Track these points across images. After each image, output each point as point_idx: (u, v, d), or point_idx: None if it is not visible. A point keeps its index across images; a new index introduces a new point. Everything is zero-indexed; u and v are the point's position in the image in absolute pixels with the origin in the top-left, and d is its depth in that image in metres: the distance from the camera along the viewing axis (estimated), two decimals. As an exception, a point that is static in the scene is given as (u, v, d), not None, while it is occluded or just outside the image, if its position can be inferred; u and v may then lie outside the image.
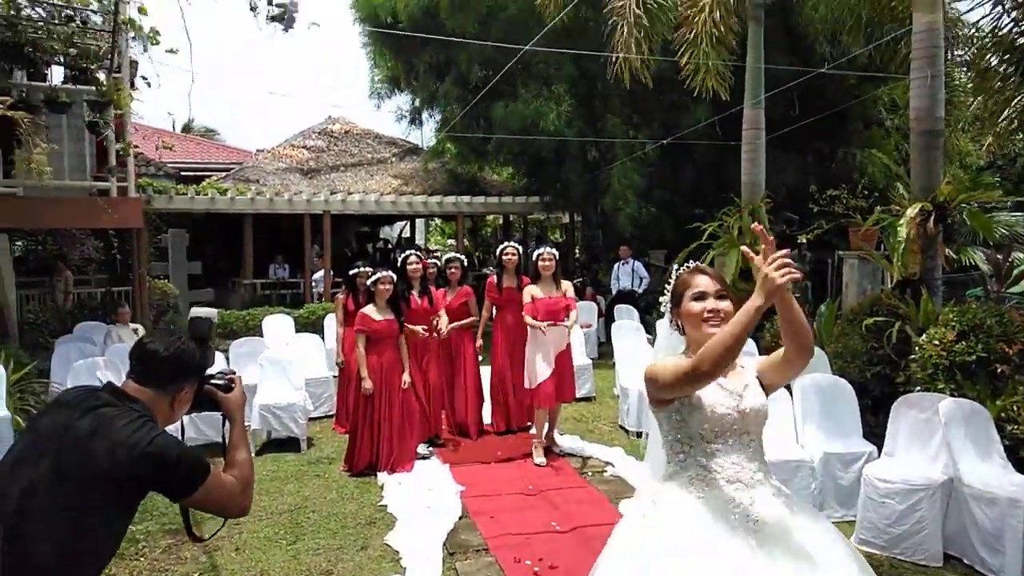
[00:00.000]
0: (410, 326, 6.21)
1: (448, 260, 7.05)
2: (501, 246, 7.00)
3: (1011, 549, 3.93)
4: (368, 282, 6.16)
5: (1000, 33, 6.57)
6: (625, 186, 12.85)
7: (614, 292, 12.75)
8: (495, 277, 6.91)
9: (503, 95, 12.94)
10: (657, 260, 14.15)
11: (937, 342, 5.77)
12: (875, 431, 6.16)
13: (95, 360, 6.84)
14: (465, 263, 7.21)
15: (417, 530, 4.73)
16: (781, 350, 2.25)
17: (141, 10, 5.46)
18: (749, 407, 2.25)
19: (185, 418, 2.36)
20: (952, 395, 5.39)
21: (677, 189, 13.94)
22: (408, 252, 6.88)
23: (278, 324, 10.29)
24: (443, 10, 12.41)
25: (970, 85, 8.82)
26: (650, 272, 13.05)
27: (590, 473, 5.91)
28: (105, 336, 8.58)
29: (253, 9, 2.79)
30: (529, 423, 6.70)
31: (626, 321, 9.96)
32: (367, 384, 5.90)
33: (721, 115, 11.18)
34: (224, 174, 15.30)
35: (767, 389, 2.32)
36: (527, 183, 15.61)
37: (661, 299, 2.56)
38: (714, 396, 2.26)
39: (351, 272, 7.28)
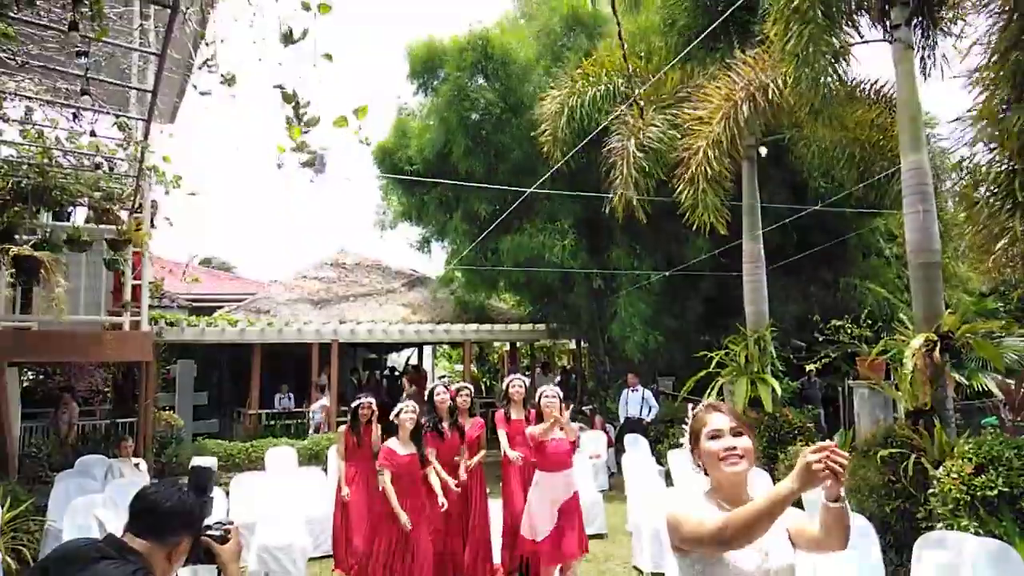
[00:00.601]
0: (434, 463, 6.07)
1: (458, 389, 7.00)
2: (508, 379, 6.98)
3: None
4: (395, 414, 5.94)
5: (982, 167, 6.85)
6: (631, 314, 12.99)
7: (622, 420, 12.59)
8: (503, 411, 6.82)
9: (510, 229, 13.39)
10: (665, 387, 14.07)
11: (955, 475, 5.63)
12: (899, 570, 5.91)
13: (93, 498, 6.68)
14: (473, 392, 7.17)
15: None
16: (817, 526, 2.18)
17: (165, 159, 5.80)
18: (775, 568, 2.18)
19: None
20: (976, 533, 5.21)
21: (683, 317, 14.08)
22: (435, 384, 6.90)
23: (281, 456, 10.12)
24: (455, 155, 13.11)
25: (963, 216, 9.09)
26: (659, 399, 12.94)
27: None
28: (107, 471, 8.45)
29: (280, 166, 2.98)
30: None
31: (637, 454, 9.77)
32: (404, 518, 5.48)
33: (722, 248, 11.49)
34: (236, 305, 15.57)
35: (793, 546, 2.26)
36: (533, 311, 15.82)
37: (671, 429, 2.56)
38: (739, 551, 2.21)
39: (353, 404, 7.20)
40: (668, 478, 9.09)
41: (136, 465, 8.51)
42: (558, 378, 17.62)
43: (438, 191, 14.15)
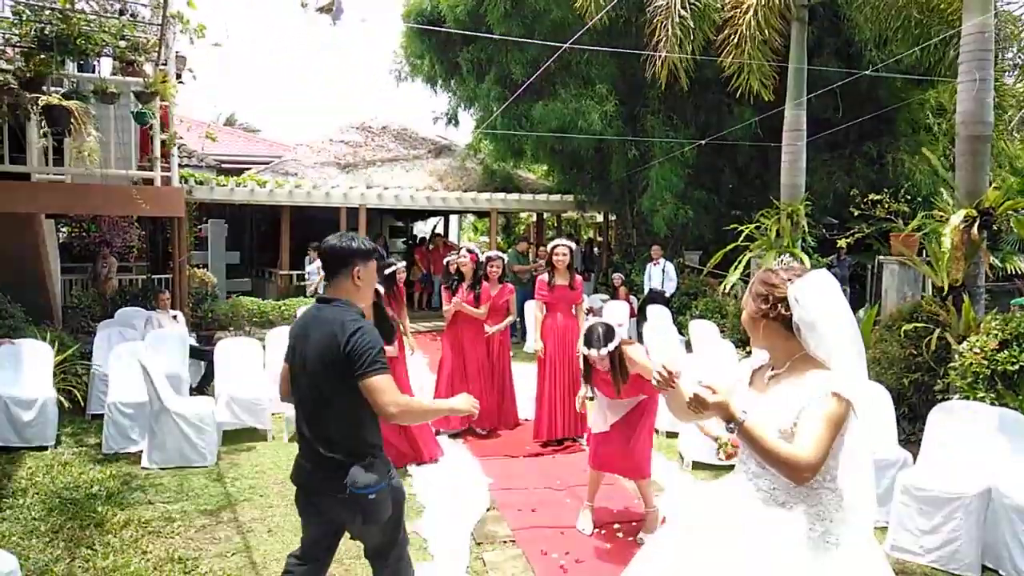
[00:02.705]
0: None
1: (489, 258, 7.05)
2: (551, 244, 6.90)
3: (1051, 563, 3.84)
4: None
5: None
6: (662, 187, 12.78)
7: (646, 292, 12.69)
8: (546, 275, 6.82)
9: (543, 94, 12.96)
10: (691, 261, 14.04)
11: (978, 350, 5.65)
12: (911, 439, 6.07)
13: (136, 344, 7.00)
14: (505, 260, 7.21)
15: (445, 519, 4.77)
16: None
17: (190, 4, 5.58)
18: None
19: (222, 403, 2.76)
20: (992, 404, 5.29)
21: (716, 190, 13.83)
22: (460, 247, 6.97)
23: (281, 336, 10.39)
24: (491, 17, 12.49)
25: (1021, 88, 8.60)
26: (683, 274, 12.96)
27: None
28: (146, 322, 8.77)
29: (304, 5, 2.85)
30: (574, 436, 6.48)
31: (658, 323, 9.89)
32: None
33: (762, 116, 11.06)
34: (264, 167, 15.55)
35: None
36: (562, 181, 15.59)
37: (694, 302, 2.56)
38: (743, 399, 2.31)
39: (387, 271, 7.17)
40: (689, 347, 9.26)
41: (174, 317, 8.82)
42: (582, 249, 17.65)
43: (472, 52, 13.62)
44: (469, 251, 6.78)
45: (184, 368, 7.49)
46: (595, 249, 17.87)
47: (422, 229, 26.55)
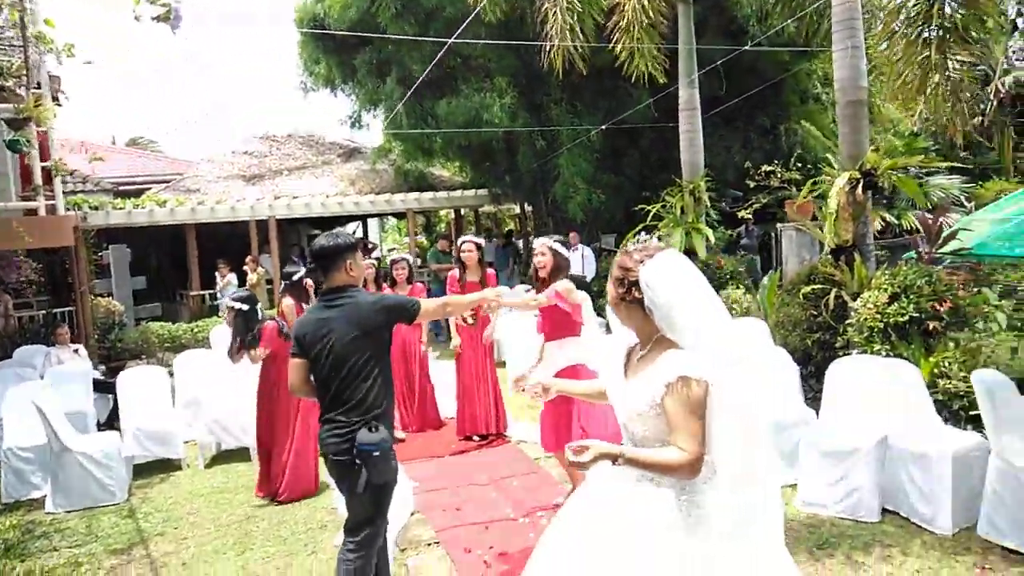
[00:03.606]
0: None
1: (393, 261, 6.98)
2: (460, 240, 6.90)
3: (942, 500, 4.06)
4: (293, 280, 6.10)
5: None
6: (573, 173, 12.91)
7: (566, 280, 12.82)
8: (456, 272, 6.78)
9: (446, 91, 12.90)
10: (608, 245, 14.25)
11: (871, 305, 5.92)
12: (819, 396, 6.33)
13: (33, 384, 6.64)
14: (411, 262, 7.14)
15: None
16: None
17: (47, 22, 5.25)
18: (620, 408, 2.33)
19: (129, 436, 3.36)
20: (888, 355, 5.56)
21: (624, 173, 14.04)
22: (399, 258, 6.86)
23: (226, 334, 10.07)
24: (383, 18, 12.32)
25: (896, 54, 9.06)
26: (601, 258, 13.15)
27: (542, 458, 5.92)
28: (45, 358, 8.33)
29: (137, 18, 2.75)
30: (497, 431, 6.54)
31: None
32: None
33: (658, 97, 11.30)
34: (165, 186, 14.94)
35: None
36: (475, 176, 15.56)
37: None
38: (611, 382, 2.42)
39: (293, 278, 7.02)
40: (608, 329, 9.38)
41: (75, 351, 8.40)
42: (502, 243, 17.68)
43: (368, 53, 13.41)
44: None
45: (88, 404, 7.16)
46: (514, 240, 17.93)
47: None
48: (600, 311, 10.83)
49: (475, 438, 6.51)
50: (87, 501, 5.54)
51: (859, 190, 6.30)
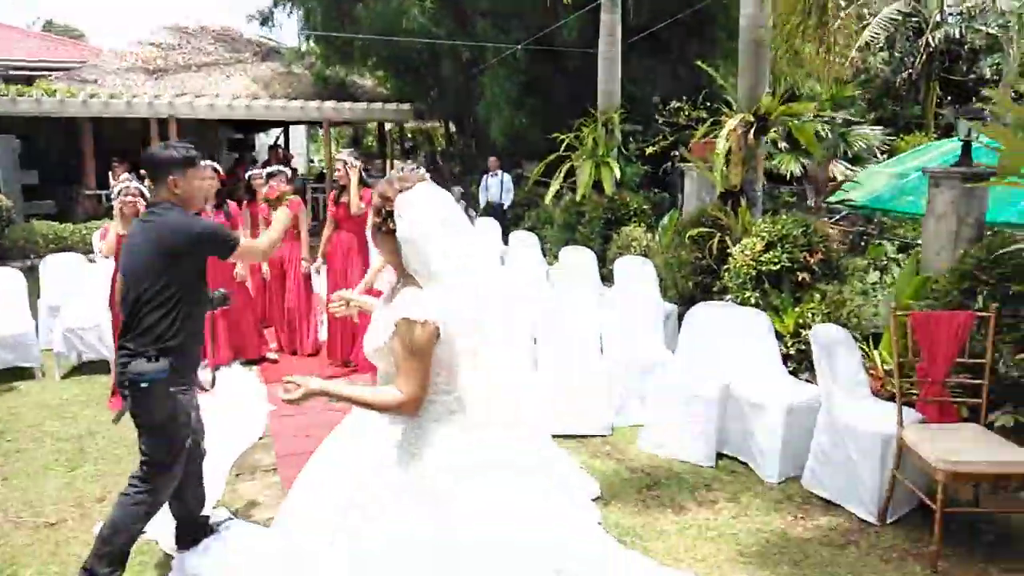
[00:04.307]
0: None
1: (270, 174, 6.62)
2: (336, 156, 6.65)
3: (772, 450, 4.15)
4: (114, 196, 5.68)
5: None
6: (497, 94, 12.51)
7: (482, 204, 12.60)
8: (336, 191, 6.51)
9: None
10: (530, 172, 14.02)
11: (747, 252, 5.94)
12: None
13: None
14: (290, 175, 6.80)
15: (209, 451, 4.56)
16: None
17: None
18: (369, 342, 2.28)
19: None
20: (758, 303, 5.62)
21: (550, 99, 13.68)
22: (207, 163, 6.41)
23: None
24: None
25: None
26: (520, 184, 12.93)
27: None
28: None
29: None
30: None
31: (488, 240, 9.82)
32: None
33: (584, 22, 10.90)
34: (63, 73, 13.86)
35: None
36: (398, 88, 14.94)
37: (528, 212, 2.48)
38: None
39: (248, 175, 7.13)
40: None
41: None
42: (419, 161, 17.25)
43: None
44: (214, 169, 6.26)
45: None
46: (438, 161, 17.51)
47: (264, 141, 25.04)
48: (507, 239, 10.75)
49: (351, 364, 6.38)
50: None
51: (751, 134, 6.23)
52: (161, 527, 3.63)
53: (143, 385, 2.79)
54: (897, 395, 3.59)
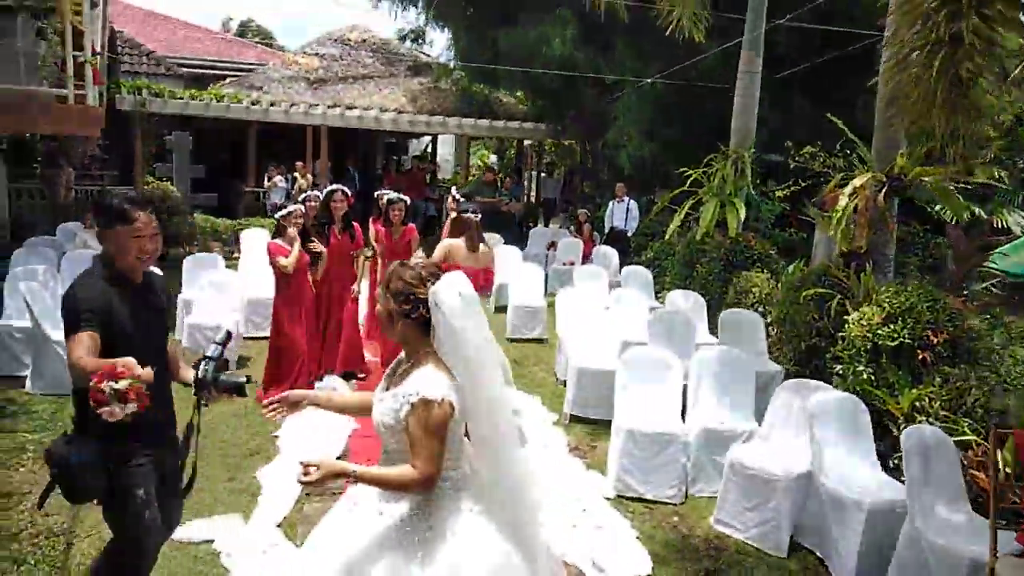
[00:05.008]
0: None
1: (391, 201, 6.91)
2: (386, 199, 6.95)
3: (850, 550, 3.81)
4: (282, 215, 6.05)
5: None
6: (628, 121, 12.36)
7: (606, 230, 12.50)
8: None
9: (510, 20, 12.41)
10: (671, 200, 13.71)
11: (864, 323, 5.50)
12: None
13: (37, 267, 6.96)
14: (408, 204, 7.04)
15: (286, 467, 4.81)
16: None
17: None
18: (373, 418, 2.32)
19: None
20: (870, 379, 5.19)
21: (689, 129, 13.30)
22: (333, 188, 6.76)
23: (256, 237, 10.34)
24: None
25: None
26: (647, 212, 12.68)
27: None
28: (74, 239, 8.79)
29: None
30: None
31: (592, 267, 9.72)
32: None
33: (729, 54, 10.49)
34: (239, 77, 15.17)
35: None
36: (538, 109, 15.09)
37: (651, 243, 2.57)
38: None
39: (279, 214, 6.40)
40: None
41: (102, 236, 8.78)
42: (561, 181, 17.32)
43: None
44: (343, 192, 6.55)
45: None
46: (574, 179, 17.52)
47: (416, 148, 26.14)
48: (629, 262, 10.53)
49: None
50: (61, 388, 5.86)
51: (881, 195, 5.75)
52: (225, 534, 3.92)
53: (54, 471, 2.58)
54: (991, 518, 3.19)
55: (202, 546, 3.91)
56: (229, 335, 2.81)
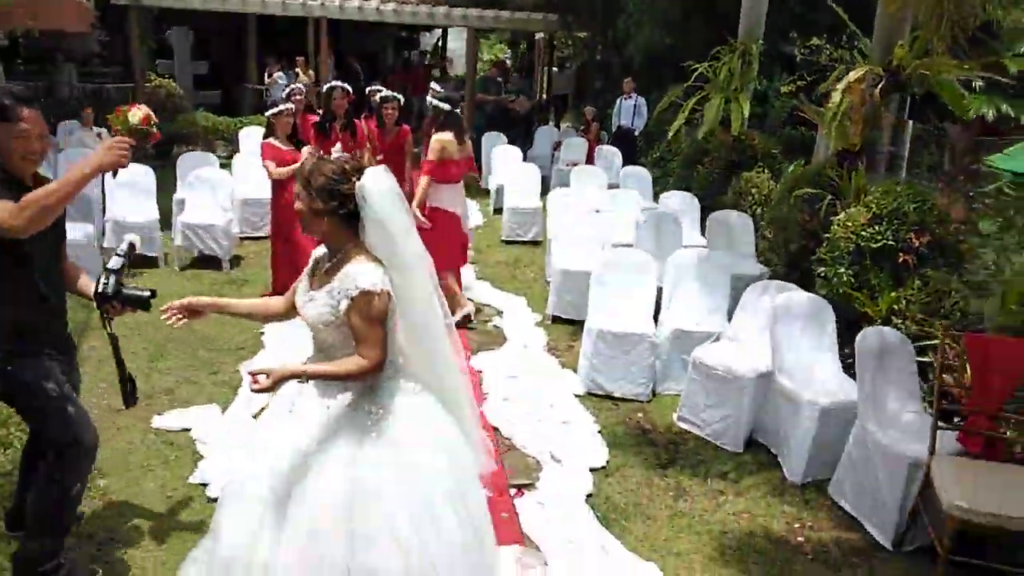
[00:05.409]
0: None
1: (384, 99, 6.76)
2: (379, 96, 6.80)
3: (801, 448, 3.90)
4: (273, 113, 5.93)
5: None
6: (641, 8, 11.78)
7: (614, 128, 12.18)
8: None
9: None
10: (679, 97, 13.26)
11: (849, 224, 5.39)
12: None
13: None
14: (402, 102, 6.87)
15: (272, 361, 4.96)
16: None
17: None
18: (306, 317, 2.35)
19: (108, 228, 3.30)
20: (851, 281, 5.13)
21: (711, 15, 12.63)
22: (334, 85, 6.62)
23: (254, 135, 10.25)
24: None
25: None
26: (653, 109, 12.28)
27: (475, 322, 5.97)
28: (68, 137, 8.78)
29: None
30: None
31: (592, 168, 9.56)
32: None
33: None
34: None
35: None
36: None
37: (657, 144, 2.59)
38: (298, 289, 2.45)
39: (272, 111, 6.08)
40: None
41: (98, 135, 8.78)
42: (573, 77, 16.75)
43: None
44: (344, 90, 6.42)
45: (95, 189, 7.55)
46: (586, 76, 16.93)
47: (428, 41, 25.33)
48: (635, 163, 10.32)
49: None
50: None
51: (877, 89, 5.50)
52: (202, 424, 4.10)
53: None
54: (933, 419, 3.23)
55: (180, 434, 4.09)
56: (133, 247, 2.69)
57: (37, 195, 2.36)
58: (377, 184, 2.26)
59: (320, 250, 2.46)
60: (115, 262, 2.59)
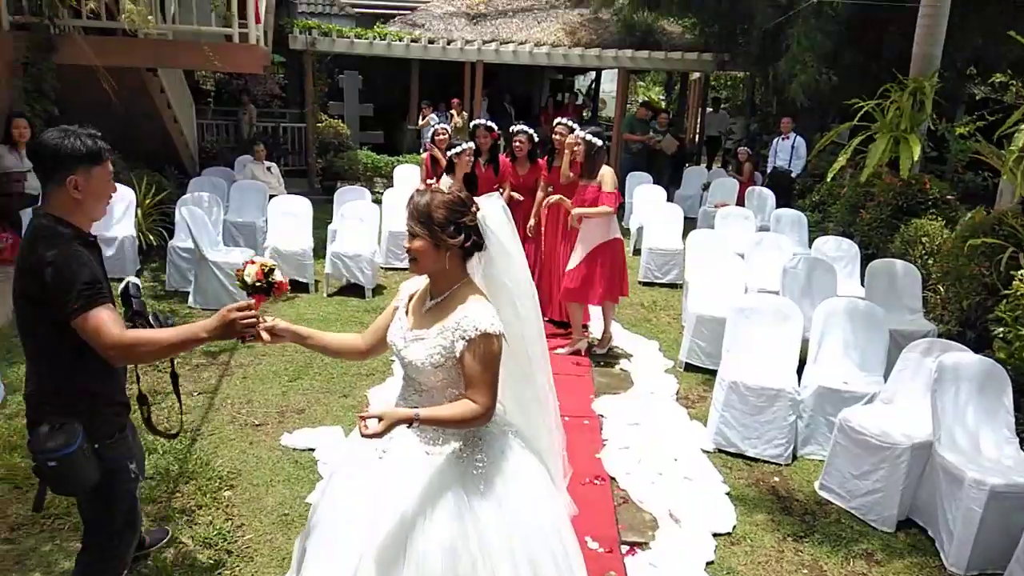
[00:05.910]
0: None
1: (513, 133, 6.83)
2: (511, 129, 6.79)
3: (966, 533, 3.38)
4: (454, 153, 6.25)
5: None
6: (804, 47, 11.23)
7: (769, 169, 11.64)
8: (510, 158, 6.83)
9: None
10: (842, 137, 12.50)
11: (1035, 280, 4.73)
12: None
13: (202, 194, 7.73)
14: (535, 137, 6.90)
15: (380, 404, 5.04)
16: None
17: None
18: (410, 358, 2.23)
19: (267, 255, 2.91)
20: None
21: (877, 55, 11.88)
22: (478, 123, 6.80)
23: (407, 173, 10.76)
24: None
25: None
26: (811, 150, 11.60)
27: (601, 363, 5.79)
28: (243, 169, 9.59)
29: None
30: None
31: (741, 209, 9.11)
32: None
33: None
34: (407, 14, 15.55)
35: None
36: (705, 36, 14.11)
37: (818, 185, 2.62)
38: (393, 329, 2.34)
39: (451, 152, 6.44)
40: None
41: (268, 168, 9.52)
42: (727, 117, 16.27)
43: None
44: (487, 128, 6.58)
45: (260, 218, 8.19)
46: (741, 114, 16.39)
47: (582, 83, 25.66)
48: (790, 206, 9.77)
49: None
50: (217, 303, 6.53)
51: (1076, 130, 4.83)
52: (325, 445, 4.20)
53: (51, 464, 2.21)
54: None
55: (305, 453, 4.22)
56: (138, 288, 2.61)
57: (155, 341, 2.17)
58: (494, 212, 2.20)
59: (412, 285, 2.37)
60: (136, 304, 2.56)
